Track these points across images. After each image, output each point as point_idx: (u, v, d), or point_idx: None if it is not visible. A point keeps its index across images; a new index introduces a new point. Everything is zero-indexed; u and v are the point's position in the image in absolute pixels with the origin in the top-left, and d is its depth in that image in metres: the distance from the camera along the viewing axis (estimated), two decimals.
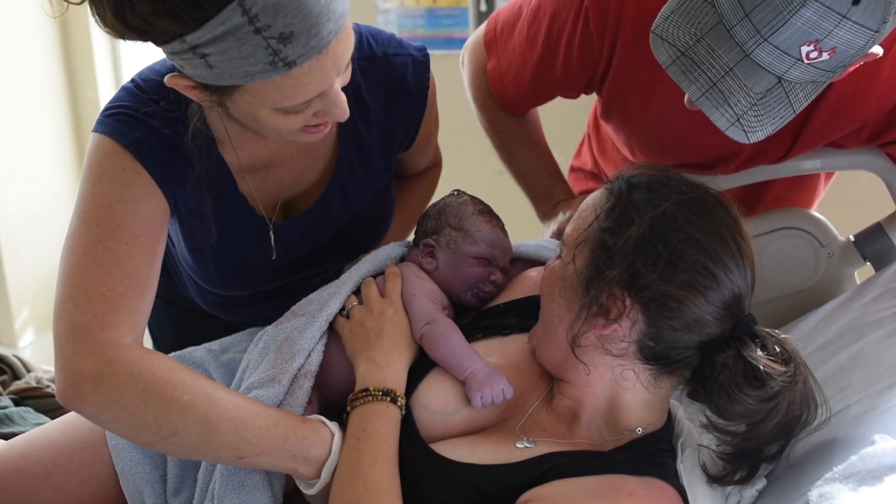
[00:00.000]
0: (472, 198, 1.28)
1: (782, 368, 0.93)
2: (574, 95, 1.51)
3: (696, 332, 0.96)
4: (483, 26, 1.57)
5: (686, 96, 1.10)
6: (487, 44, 1.54)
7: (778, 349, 0.95)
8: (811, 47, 0.96)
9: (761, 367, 0.92)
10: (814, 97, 1.04)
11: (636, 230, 0.96)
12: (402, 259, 1.28)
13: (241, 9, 0.83)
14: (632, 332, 0.97)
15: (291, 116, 0.97)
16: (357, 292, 1.20)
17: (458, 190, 1.30)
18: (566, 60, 1.41)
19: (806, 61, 0.98)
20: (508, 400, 1.05)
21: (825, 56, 0.97)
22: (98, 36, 3.34)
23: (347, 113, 1.01)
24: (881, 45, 1.18)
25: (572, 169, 1.82)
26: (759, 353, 0.94)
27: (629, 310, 0.96)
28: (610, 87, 1.41)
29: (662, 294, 0.94)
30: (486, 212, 1.26)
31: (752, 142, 1.06)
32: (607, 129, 1.57)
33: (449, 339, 1.10)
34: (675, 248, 0.94)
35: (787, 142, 1.36)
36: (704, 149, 1.41)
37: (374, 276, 1.22)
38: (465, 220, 1.24)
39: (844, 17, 0.94)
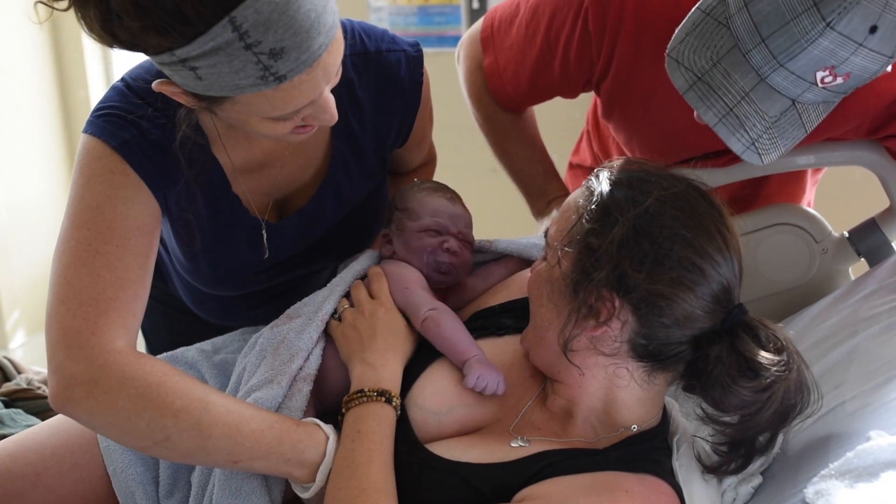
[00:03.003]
0: (424, 181, 1.27)
1: (776, 358, 0.93)
2: (572, 95, 1.51)
3: (687, 328, 0.96)
4: (479, 22, 1.56)
5: (696, 112, 1.10)
6: (484, 40, 1.53)
7: (771, 339, 0.95)
8: (826, 72, 0.98)
9: (755, 359, 0.92)
10: (825, 116, 1.05)
11: (620, 230, 0.95)
12: None
13: (232, 25, 0.82)
14: (623, 331, 0.96)
15: (280, 123, 0.97)
16: (348, 295, 1.20)
17: (417, 178, 1.29)
18: (564, 60, 1.40)
19: (820, 85, 0.99)
20: (498, 396, 1.05)
21: (839, 80, 0.99)
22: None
23: (336, 117, 1.00)
24: None
25: (571, 166, 1.82)
26: (752, 344, 0.94)
27: (619, 311, 0.95)
28: (610, 88, 1.41)
29: (651, 293, 0.93)
30: (431, 187, 1.25)
31: (765, 164, 1.06)
32: (608, 127, 1.57)
33: (456, 323, 1.11)
34: (661, 246, 0.94)
35: None
36: (708, 144, 1.40)
37: (363, 278, 1.22)
38: (409, 199, 1.24)
39: (861, 45, 0.95)
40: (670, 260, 0.93)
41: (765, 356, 0.92)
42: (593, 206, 0.99)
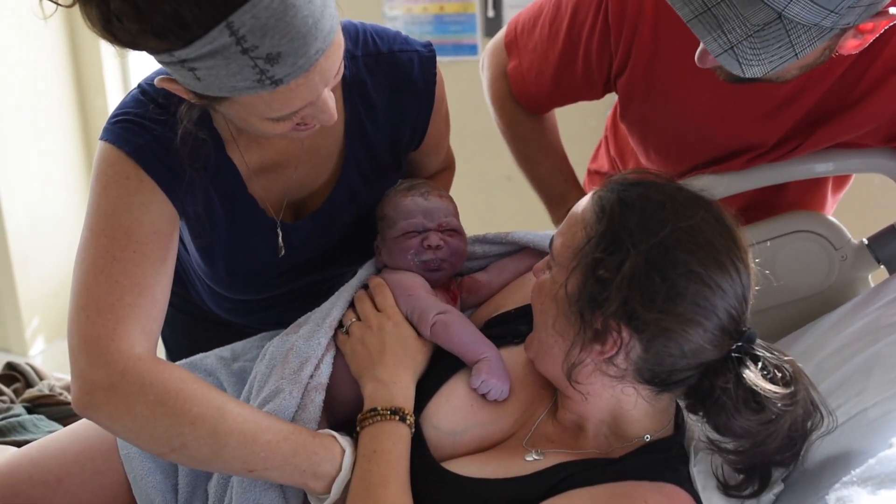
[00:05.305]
0: (402, 183, 1.26)
1: (783, 391, 0.91)
2: (595, 95, 1.49)
3: (694, 358, 0.94)
4: (503, 30, 1.57)
5: (696, 53, 1.08)
6: (508, 44, 1.54)
7: (778, 370, 0.93)
8: None
9: (762, 393, 0.91)
10: (819, 46, 1.00)
11: (632, 262, 0.92)
12: None
13: (229, 30, 0.83)
14: (628, 359, 0.95)
15: (280, 123, 0.98)
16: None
17: (432, 183, 1.29)
18: (586, 56, 1.40)
19: None
20: (513, 412, 1.05)
21: None
22: (107, 44, 3.36)
23: (335, 117, 1.01)
24: None
25: (589, 172, 1.81)
26: (759, 376, 0.92)
27: (626, 342, 0.94)
28: (627, 83, 1.40)
29: (661, 328, 0.92)
30: (404, 188, 1.24)
31: (747, 76, 1.02)
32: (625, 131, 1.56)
33: (466, 324, 1.10)
34: (675, 284, 0.91)
35: (804, 134, 1.35)
36: (723, 143, 1.39)
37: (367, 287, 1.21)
38: (386, 207, 1.23)
39: None
40: (683, 299, 0.91)
41: (772, 390, 0.91)
42: (603, 231, 0.96)
